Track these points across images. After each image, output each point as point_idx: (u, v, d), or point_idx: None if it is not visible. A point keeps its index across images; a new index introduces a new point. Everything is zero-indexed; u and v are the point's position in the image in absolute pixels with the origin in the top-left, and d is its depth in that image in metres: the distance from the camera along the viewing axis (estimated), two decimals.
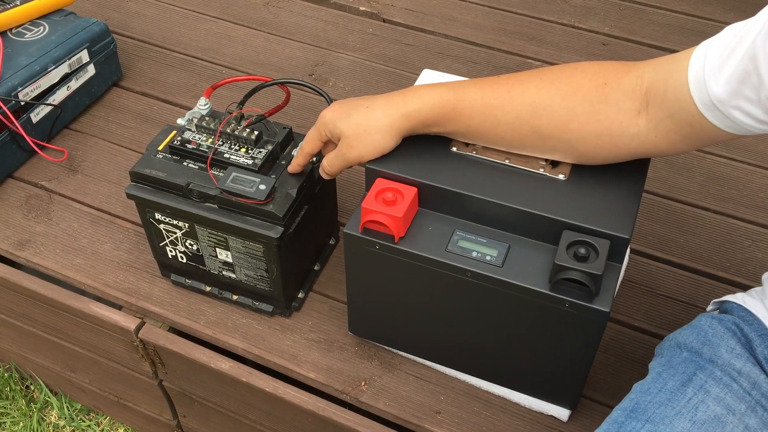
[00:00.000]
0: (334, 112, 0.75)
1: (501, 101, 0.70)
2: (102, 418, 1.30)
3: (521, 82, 0.70)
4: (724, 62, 0.58)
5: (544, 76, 0.70)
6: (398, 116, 0.72)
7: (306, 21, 1.43)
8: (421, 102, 0.72)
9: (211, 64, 1.32)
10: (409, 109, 0.72)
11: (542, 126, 0.69)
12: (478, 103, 0.70)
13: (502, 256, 0.72)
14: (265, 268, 0.87)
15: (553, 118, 0.68)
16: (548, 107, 0.68)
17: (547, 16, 1.44)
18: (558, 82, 0.68)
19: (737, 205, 1.09)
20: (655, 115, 0.64)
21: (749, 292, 0.75)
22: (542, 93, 0.68)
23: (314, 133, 0.78)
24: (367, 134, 0.73)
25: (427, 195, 0.75)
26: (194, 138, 0.86)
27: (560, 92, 0.68)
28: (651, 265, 1.01)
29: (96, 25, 1.19)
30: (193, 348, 0.93)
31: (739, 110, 0.58)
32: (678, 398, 0.65)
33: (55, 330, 1.07)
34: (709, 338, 0.70)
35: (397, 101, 0.72)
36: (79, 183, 1.11)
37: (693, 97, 0.60)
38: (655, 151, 0.68)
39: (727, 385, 0.66)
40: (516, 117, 0.70)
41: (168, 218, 0.87)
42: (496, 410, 0.86)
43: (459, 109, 0.71)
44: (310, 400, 0.87)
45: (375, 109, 0.72)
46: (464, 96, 0.71)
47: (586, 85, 0.67)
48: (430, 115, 0.72)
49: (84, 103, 1.21)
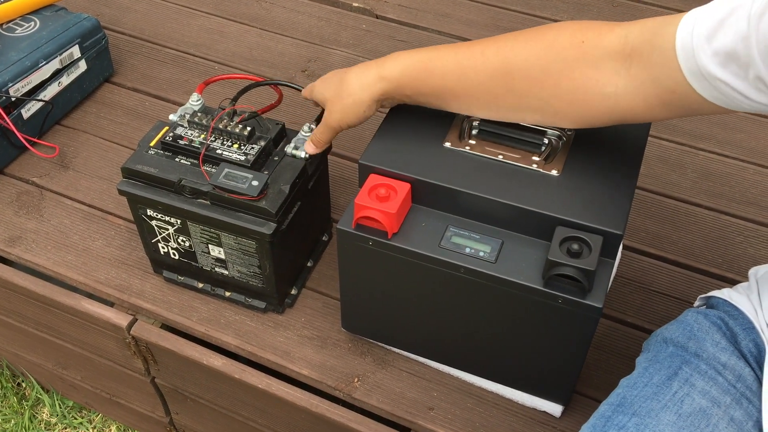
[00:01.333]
0: (321, 80, 0.81)
1: (474, 61, 0.70)
2: (94, 415, 1.29)
3: (496, 42, 0.70)
4: (713, 34, 0.56)
5: (519, 36, 0.70)
6: (372, 78, 0.74)
7: (299, 17, 1.42)
8: (395, 64, 0.74)
9: (203, 59, 1.32)
10: (384, 72, 0.74)
11: (516, 84, 0.69)
12: (452, 63, 0.71)
13: (495, 252, 0.72)
14: (257, 265, 0.86)
15: (526, 76, 0.68)
16: (522, 65, 0.68)
17: (541, 13, 1.44)
18: (532, 41, 0.68)
19: (729, 201, 1.09)
20: (637, 77, 0.63)
21: (735, 288, 0.76)
22: (516, 52, 0.68)
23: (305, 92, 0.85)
24: (343, 97, 0.76)
25: (420, 191, 0.75)
26: (186, 134, 0.86)
27: (534, 50, 0.68)
28: (643, 261, 1.01)
29: (87, 20, 1.18)
30: (186, 345, 0.92)
31: (726, 84, 0.57)
32: (664, 392, 0.66)
33: (46, 327, 1.07)
34: (695, 333, 0.71)
35: (373, 65, 0.75)
36: (70, 179, 1.11)
37: (680, 65, 0.59)
38: (631, 114, 0.66)
39: (712, 378, 0.67)
40: (490, 77, 0.70)
41: (160, 215, 0.86)
42: (489, 406, 0.86)
43: (431, 69, 0.72)
44: (303, 396, 0.87)
45: (351, 73, 0.76)
46: (437, 57, 0.72)
47: (562, 43, 0.67)
48: (403, 77, 0.73)
49: (75, 98, 1.21)
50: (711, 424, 0.63)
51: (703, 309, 0.75)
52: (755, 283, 0.74)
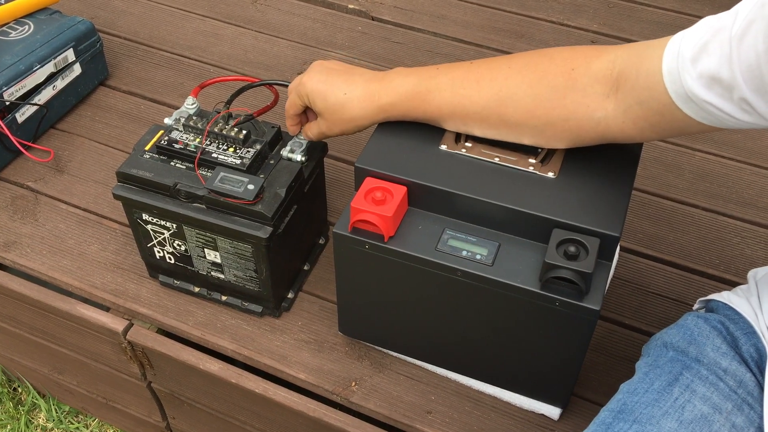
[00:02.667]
0: (313, 84, 0.78)
1: (470, 91, 0.71)
2: (90, 420, 1.29)
3: (490, 70, 0.71)
4: (697, 56, 0.57)
5: (513, 63, 0.71)
6: (373, 108, 0.75)
7: (294, 19, 1.42)
8: (395, 95, 0.74)
9: (198, 62, 1.31)
10: (383, 102, 0.75)
11: (509, 114, 0.70)
12: (448, 93, 0.72)
13: (492, 255, 0.72)
14: (254, 269, 0.86)
15: (519, 107, 0.69)
16: (514, 96, 0.69)
17: (536, 14, 1.44)
18: (525, 69, 0.69)
19: (726, 202, 1.09)
20: (624, 101, 0.64)
21: (735, 291, 0.75)
22: (509, 82, 0.69)
23: (295, 99, 0.81)
24: (344, 120, 0.77)
25: (416, 194, 0.74)
26: (182, 138, 0.86)
27: (526, 80, 0.69)
28: (641, 262, 1.01)
29: (82, 23, 1.18)
30: (182, 349, 0.92)
31: (712, 105, 0.58)
32: (665, 398, 0.65)
33: (42, 332, 1.06)
34: (695, 337, 0.70)
35: (373, 93, 0.75)
36: (65, 183, 1.10)
37: (667, 88, 0.60)
38: (623, 136, 0.68)
39: (714, 384, 0.66)
40: (483, 107, 0.71)
41: (155, 219, 0.86)
42: (487, 409, 0.85)
43: (429, 100, 0.73)
44: (300, 401, 0.87)
45: (352, 99, 0.76)
46: (435, 86, 0.73)
47: (553, 71, 0.68)
48: (402, 107, 0.75)
49: (70, 102, 1.20)
50: (713, 431, 0.63)
51: (703, 313, 0.75)
52: (755, 286, 0.73)
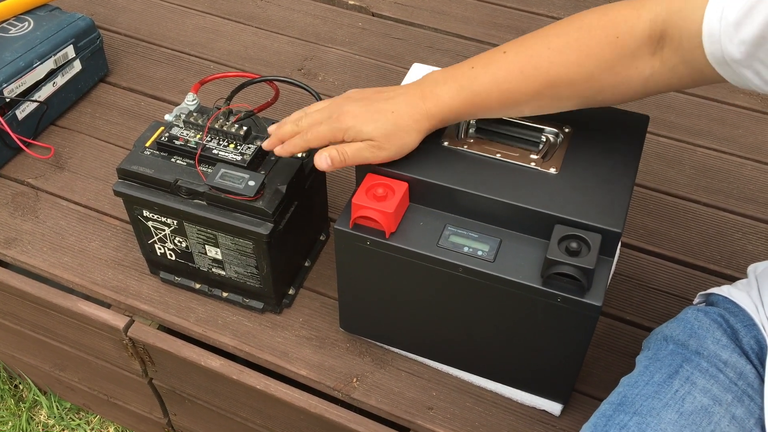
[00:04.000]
0: (355, 117, 0.72)
1: (517, 84, 0.69)
2: (92, 417, 1.29)
3: (531, 58, 0.69)
4: (741, 21, 0.56)
5: (551, 44, 0.68)
6: (422, 119, 0.72)
7: (294, 15, 1.42)
8: (442, 104, 0.72)
9: (198, 59, 1.31)
10: (432, 111, 0.72)
11: (561, 93, 0.69)
12: (495, 92, 0.70)
13: (493, 251, 0.72)
14: (255, 265, 0.86)
15: (571, 84, 0.68)
16: (564, 77, 0.68)
17: (537, 9, 1.44)
18: (567, 50, 0.67)
19: (727, 198, 1.09)
20: (670, 60, 0.64)
21: (735, 284, 0.75)
22: (556, 66, 0.68)
23: (327, 133, 0.73)
24: (397, 137, 0.72)
25: (417, 190, 0.74)
26: (182, 134, 0.86)
27: (573, 60, 0.67)
28: (642, 258, 1.01)
29: (82, 20, 1.17)
30: (183, 346, 0.92)
31: (751, 70, 0.58)
32: (665, 390, 0.65)
33: (43, 329, 1.06)
34: (695, 330, 0.70)
35: (420, 105, 0.72)
36: (66, 180, 1.10)
37: (705, 51, 0.60)
38: (667, 88, 0.68)
39: (714, 376, 0.67)
40: (535, 94, 0.70)
41: (156, 215, 0.86)
42: (488, 405, 0.85)
43: (477, 103, 0.71)
44: (301, 397, 0.87)
45: (401, 114, 0.72)
46: (480, 88, 0.71)
47: (599, 44, 0.66)
48: (452, 115, 0.73)
49: (70, 99, 1.20)
50: (713, 423, 0.63)
51: (703, 306, 0.75)
52: (755, 280, 0.73)
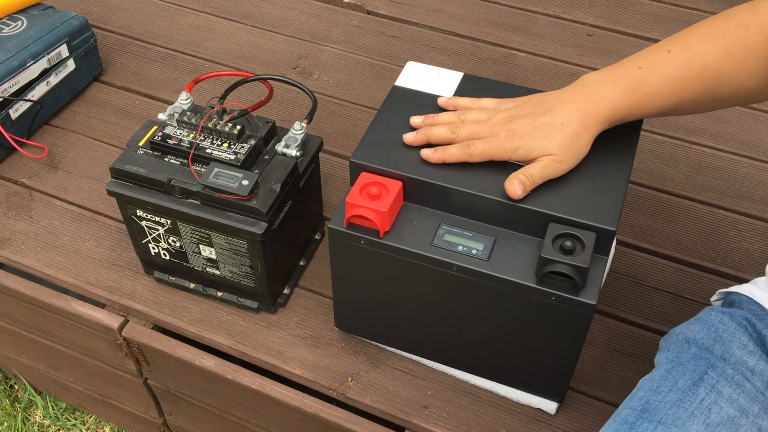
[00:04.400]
0: (524, 137, 0.71)
1: (686, 83, 0.69)
2: (87, 417, 1.29)
3: (697, 55, 0.69)
4: None
5: (716, 41, 0.68)
6: (593, 123, 0.71)
7: (289, 13, 1.41)
8: (611, 105, 0.71)
9: (193, 57, 1.31)
10: (604, 115, 0.71)
11: (723, 93, 0.69)
12: (666, 91, 0.70)
13: (488, 250, 0.72)
14: (249, 265, 0.86)
15: (732, 84, 0.68)
16: (728, 75, 0.68)
17: (532, 7, 1.43)
18: (731, 48, 0.68)
19: (722, 195, 1.09)
20: None
21: (755, 283, 0.73)
22: (720, 63, 0.68)
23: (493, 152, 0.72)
24: (574, 147, 0.71)
25: (412, 189, 0.74)
26: (175, 133, 0.85)
27: (736, 58, 0.67)
28: (637, 256, 1.01)
29: (75, 19, 1.17)
30: (178, 346, 0.92)
31: None
32: (690, 399, 0.63)
33: (37, 329, 1.06)
34: (720, 334, 0.68)
35: (590, 109, 0.71)
36: (59, 180, 1.10)
37: None
38: None
39: (740, 384, 0.64)
40: (700, 93, 0.69)
41: (150, 215, 0.86)
42: (483, 404, 0.85)
43: (646, 103, 0.71)
44: (296, 396, 0.87)
45: (571, 123, 0.71)
46: (650, 88, 0.70)
47: (756, 42, 0.67)
48: (618, 115, 0.72)
49: (64, 98, 1.20)
50: None
51: (726, 308, 0.72)
52: None
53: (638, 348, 0.90)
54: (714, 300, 0.79)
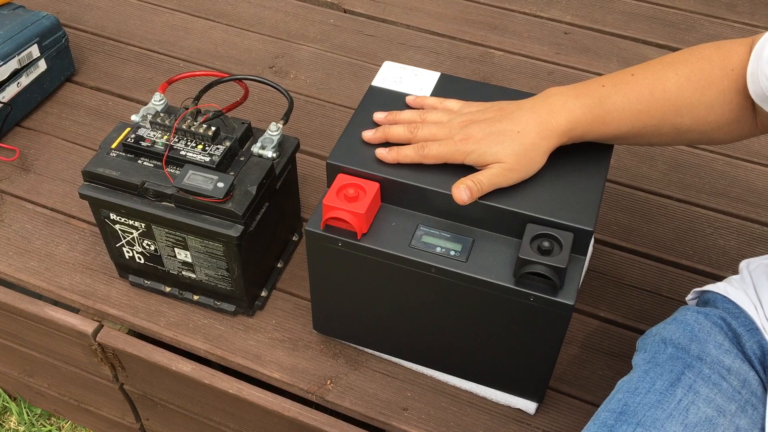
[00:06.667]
0: (478, 141, 0.70)
1: (647, 105, 0.70)
2: (63, 423, 1.27)
3: (660, 81, 0.70)
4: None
5: (679, 70, 0.70)
6: (554, 136, 0.70)
7: (265, 12, 1.40)
8: (572, 118, 0.70)
9: (167, 57, 1.29)
10: (563, 128, 0.70)
11: (683, 123, 0.70)
12: (627, 111, 0.70)
13: (466, 251, 0.71)
14: (225, 268, 0.85)
15: (693, 115, 0.69)
16: (689, 105, 0.69)
17: (509, 5, 1.43)
18: (693, 77, 0.69)
19: (699, 193, 1.09)
20: None
21: (730, 281, 0.74)
22: (682, 91, 0.69)
23: (447, 155, 0.71)
24: (527, 157, 0.70)
25: (389, 190, 0.73)
26: (149, 135, 0.84)
27: (697, 87, 0.69)
28: (615, 254, 1.01)
29: (46, 18, 1.15)
30: (154, 351, 0.90)
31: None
32: (668, 400, 0.63)
33: (10, 335, 1.04)
34: (696, 334, 0.69)
35: (549, 120, 0.70)
36: (31, 182, 1.08)
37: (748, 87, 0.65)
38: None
39: (717, 384, 0.65)
40: (661, 119, 0.70)
41: (123, 218, 0.84)
42: (463, 405, 0.85)
43: (607, 121, 0.70)
44: (275, 400, 0.86)
45: (528, 132, 0.70)
46: (611, 105, 0.70)
47: (717, 75, 0.68)
48: (578, 130, 0.71)
49: (35, 99, 1.17)
50: None
51: (702, 308, 0.73)
52: (749, 277, 0.72)
53: (617, 347, 0.90)
54: (689, 299, 0.79)
